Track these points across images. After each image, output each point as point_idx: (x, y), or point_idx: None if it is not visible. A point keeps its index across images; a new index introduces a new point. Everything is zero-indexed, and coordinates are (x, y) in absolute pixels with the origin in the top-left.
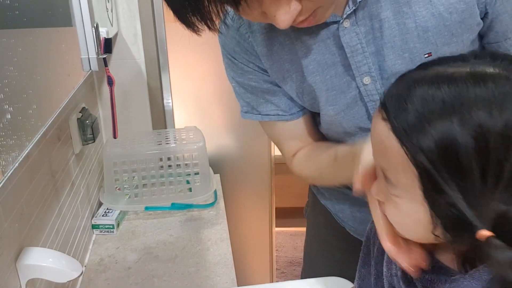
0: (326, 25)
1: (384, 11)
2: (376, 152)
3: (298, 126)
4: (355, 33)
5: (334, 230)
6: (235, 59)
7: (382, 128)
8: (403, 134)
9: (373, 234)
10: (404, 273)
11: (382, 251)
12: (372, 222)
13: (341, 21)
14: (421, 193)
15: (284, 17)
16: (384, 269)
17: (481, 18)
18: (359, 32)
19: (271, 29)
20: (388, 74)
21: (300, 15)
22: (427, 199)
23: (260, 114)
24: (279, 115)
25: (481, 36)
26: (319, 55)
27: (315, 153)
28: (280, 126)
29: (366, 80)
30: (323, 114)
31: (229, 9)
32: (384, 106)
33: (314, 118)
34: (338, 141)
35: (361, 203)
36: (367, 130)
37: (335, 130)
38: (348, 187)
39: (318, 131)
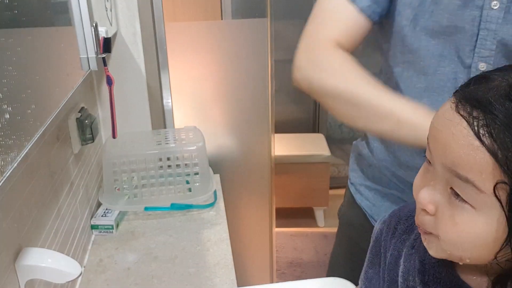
0: None
1: None
2: (446, 156)
3: (358, 22)
4: None
5: (366, 234)
6: None
7: (465, 130)
8: (501, 141)
9: (383, 237)
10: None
11: (396, 259)
12: (381, 222)
13: None
14: (501, 210)
15: None
16: (400, 279)
17: None
18: None
19: None
20: None
21: None
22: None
23: None
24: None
25: None
26: None
27: (366, 76)
28: (350, 12)
29: (495, 3)
30: (433, 20)
31: None
32: (472, 103)
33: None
34: (419, 81)
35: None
36: (462, 64)
37: (430, 51)
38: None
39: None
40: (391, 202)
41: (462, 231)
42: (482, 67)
